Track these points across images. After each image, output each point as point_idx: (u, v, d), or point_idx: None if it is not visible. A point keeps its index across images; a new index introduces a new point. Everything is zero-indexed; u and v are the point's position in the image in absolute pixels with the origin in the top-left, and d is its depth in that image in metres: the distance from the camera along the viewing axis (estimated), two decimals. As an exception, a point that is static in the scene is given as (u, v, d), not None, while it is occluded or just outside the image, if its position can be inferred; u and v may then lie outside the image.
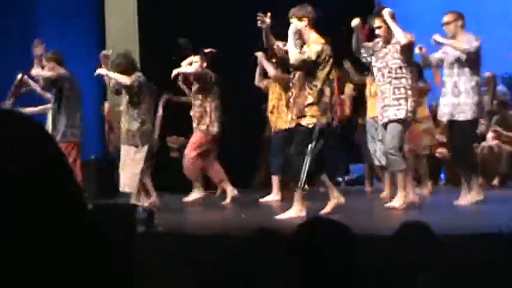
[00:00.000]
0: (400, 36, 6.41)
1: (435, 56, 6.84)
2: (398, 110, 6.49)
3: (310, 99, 6.10)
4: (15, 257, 1.08)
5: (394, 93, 6.51)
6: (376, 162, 7.79)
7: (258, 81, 8.28)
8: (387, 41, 6.56)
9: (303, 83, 6.14)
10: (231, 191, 7.97)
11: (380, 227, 5.39)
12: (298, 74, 6.16)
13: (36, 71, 7.75)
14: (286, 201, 7.91)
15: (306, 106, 6.10)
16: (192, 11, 9.96)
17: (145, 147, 7.45)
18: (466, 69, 6.63)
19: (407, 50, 6.48)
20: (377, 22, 6.59)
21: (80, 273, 1.11)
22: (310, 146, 6.06)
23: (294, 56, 6.11)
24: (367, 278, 1.73)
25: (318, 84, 6.10)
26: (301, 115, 6.13)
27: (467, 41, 6.57)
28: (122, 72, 7.43)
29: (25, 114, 1.28)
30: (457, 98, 6.66)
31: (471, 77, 6.63)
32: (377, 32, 6.61)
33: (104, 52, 7.80)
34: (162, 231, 5.63)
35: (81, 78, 7.93)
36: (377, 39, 6.70)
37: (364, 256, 1.71)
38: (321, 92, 6.10)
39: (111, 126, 9.59)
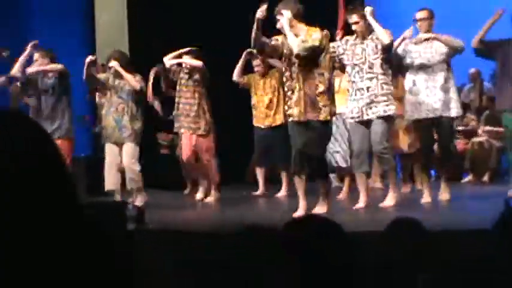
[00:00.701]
0: (384, 36, 6.34)
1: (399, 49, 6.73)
2: (387, 106, 6.43)
3: (321, 88, 6.00)
4: (14, 257, 1.08)
5: (382, 89, 6.42)
6: (334, 163, 7.63)
7: (237, 76, 8.18)
8: (363, 36, 6.47)
9: (308, 73, 6.01)
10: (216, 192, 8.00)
11: (369, 224, 5.39)
12: (297, 66, 6.00)
13: (37, 67, 7.66)
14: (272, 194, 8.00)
15: (317, 95, 6.00)
16: (181, 9, 9.95)
17: (138, 147, 7.46)
18: (444, 65, 6.62)
19: (389, 49, 6.44)
20: (354, 17, 6.45)
21: (79, 273, 1.11)
22: (326, 139, 6.14)
23: (298, 46, 5.92)
24: (360, 275, 1.73)
25: (325, 72, 6.03)
26: (314, 106, 6.02)
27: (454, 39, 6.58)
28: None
29: (24, 114, 1.27)
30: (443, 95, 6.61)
31: (447, 73, 6.64)
32: (354, 27, 6.49)
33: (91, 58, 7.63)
34: (153, 228, 5.62)
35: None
36: (346, 37, 6.61)
37: (357, 253, 1.71)
38: (328, 80, 6.05)
39: None
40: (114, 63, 7.42)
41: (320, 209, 6.07)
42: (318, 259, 1.64)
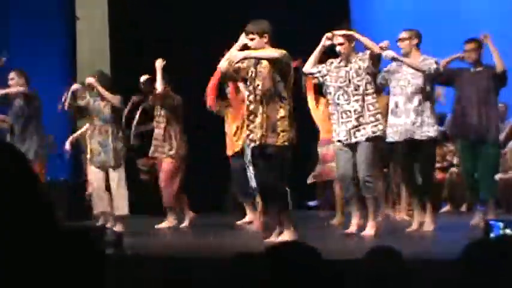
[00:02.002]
0: (374, 47, 6.36)
1: (379, 75, 6.77)
2: (376, 126, 6.38)
3: (282, 112, 5.91)
4: None
5: (369, 110, 6.39)
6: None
7: (215, 105, 7.89)
8: (348, 59, 6.47)
9: (272, 96, 5.92)
10: (190, 214, 8.02)
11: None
12: (263, 89, 5.92)
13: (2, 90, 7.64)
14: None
15: (278, 119, 5.89)
16: (162, 35, 10.02)
17: (123, 168, 7.44)
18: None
19: (377, 60, 6.44)
20: (339, 38, 6.43)
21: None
22: (285, 165, 5.93)
23: (276, 51, 5.87)
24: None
25: (287, 97, 5.93)
26: (274, 130, 5.89)
27: (425, 63, 6.59)
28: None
29: None
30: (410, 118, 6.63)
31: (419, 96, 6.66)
32: (338, 48, 6.46)
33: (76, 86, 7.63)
34: (131, 254, 5.59)
35: (51, 98, 7.85)
36: (330, 60, 6.59)
37: (332, 279, 1.72)
38: (290, 105, 5.94)
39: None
40: (90, 79, 7.41)
41: (287, 236, 5.86)
42: (298, 282, 1.65)
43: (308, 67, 6.58)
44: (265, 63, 5.98)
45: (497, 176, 7.51)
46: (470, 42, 6.98)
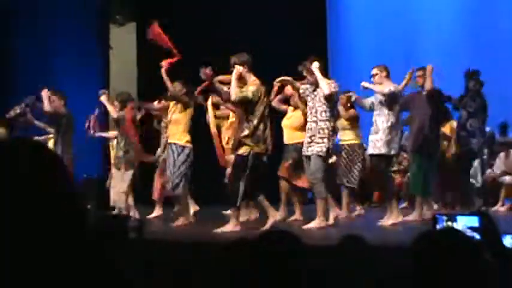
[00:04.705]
0: (324, 87, 6.39)
1: (369, 100, 6.94)
2: (320, 147, 6.40)
3: (246, 132, 6.07)
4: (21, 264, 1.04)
5: (319, 132, 6.44)
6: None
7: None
8: (316, 86, 6.52)
9: (241, 118, 6.15)
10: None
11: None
12: (238, 111, 6.17)
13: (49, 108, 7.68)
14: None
15: (242, 138, 6.08)
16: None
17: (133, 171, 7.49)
18: (385, 111, 6.76)
19: (330, 98, 6.48)
20: (305, 72, 6.55)
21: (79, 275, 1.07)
22: (245, 171, 6.02)
23: (235, 93, 6.08)
24: (313, 282, 1.77)
25: (254, 120, 6.07)
26: (238, 145, 6.11)
27: (387, 87, 6.73)
28: (122, 107, 7.51)
29: (38, 141, 1.29)
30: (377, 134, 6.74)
31: (388, 117, 6.74)
32: (308, 78, 6.54)
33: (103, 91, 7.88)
34: (151, 238, 5.60)
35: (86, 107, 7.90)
36: (305, 85, 6.65)
37: (310, 263, 1.74)
38: (255, 127, 6.06)
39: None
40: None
41: (229, 227, 6.06)
42: (280, 266, 1.67)
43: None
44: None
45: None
46: (419, 70, 7.09)
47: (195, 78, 6.80)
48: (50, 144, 7.82)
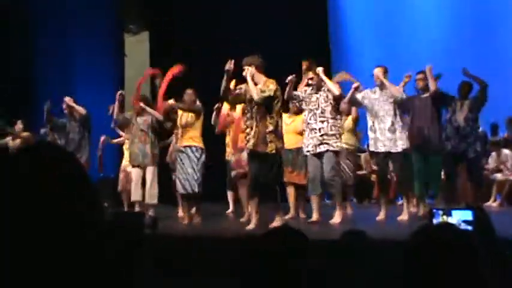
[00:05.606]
0: (333, 89, 6.42)
1: (360, 96, 6.77)
2: (336, 143, 6.42)
3: (270, 127, 5.96)
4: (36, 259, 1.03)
5: (331, 129, 6.43)
6: (182, 191, 7.02)
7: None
8: (318, 88, 6.53)
9: (263, 115, 5.97)
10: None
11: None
12: (256, 107, 5.98)
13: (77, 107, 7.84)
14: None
15: (267, 133, 5.96)
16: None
17: (157, 168, 7.46)
18: (395, 110, 6.66)
19: (339, 99, 6.49)
20: (310, 74, 6.54)
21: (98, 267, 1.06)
22: (276, 168, 5.97)
23: (257, 95, 5.93)
24: (315, 278, 1.76)
25: (275, 116, 6.01)
26: (264, 141, 5.96)
27: (397, 90, 6.60)
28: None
29: (58, 145, 1.29)
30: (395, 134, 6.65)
31: (397, 116, 6.66)
32: (310, 81, 6.54)
33: (121, 92, 7.83)
34: (165, 233, 5.61)
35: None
36: (304, 88, 6.63)
37: (313, 258, 1.73)
38: (277, 122, 6.02)
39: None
40: (142, 104, 7.52)
41: (278, 222, 5.91)
42: (286, 263, 1.66)
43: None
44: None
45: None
46: (419, 73, 6.93)
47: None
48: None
